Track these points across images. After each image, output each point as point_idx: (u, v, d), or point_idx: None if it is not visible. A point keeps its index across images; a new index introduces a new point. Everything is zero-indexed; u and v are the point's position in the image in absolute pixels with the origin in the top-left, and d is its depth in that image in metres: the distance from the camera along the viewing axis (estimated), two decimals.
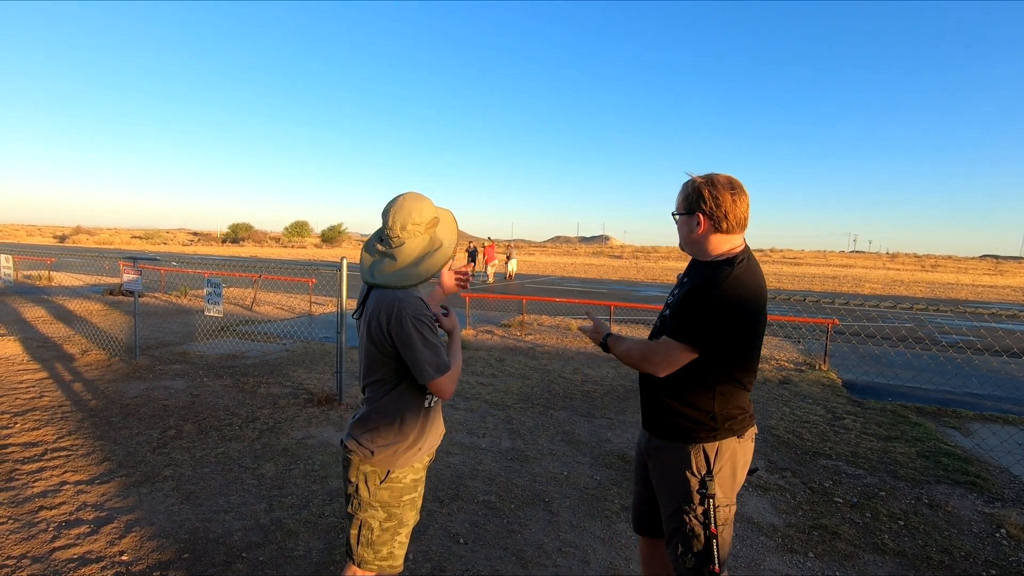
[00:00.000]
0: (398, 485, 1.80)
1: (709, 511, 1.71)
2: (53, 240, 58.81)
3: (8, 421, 4.28)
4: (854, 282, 29.19)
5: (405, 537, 1.87)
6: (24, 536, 2.73)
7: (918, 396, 6.13)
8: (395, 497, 1.80)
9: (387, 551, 1.82)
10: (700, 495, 1.72)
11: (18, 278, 14.26)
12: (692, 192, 1.77)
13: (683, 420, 1.76)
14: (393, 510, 1.81)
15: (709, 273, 1.72)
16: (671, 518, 1.79)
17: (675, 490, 1.78)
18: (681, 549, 1.76)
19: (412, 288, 1.73)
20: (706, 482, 1.72)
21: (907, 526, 3.14)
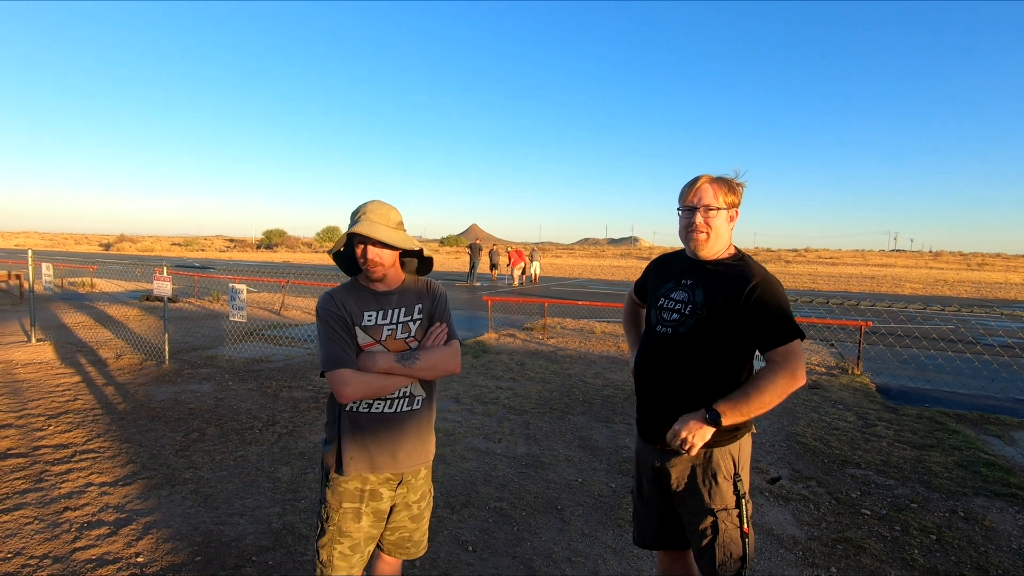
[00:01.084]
0: (339, 488, 1.78)
1: (743, 512, 1.72)
2: (99, 248, 61.40)
3: (43, 423, 4.46)
4: (893, 282, 28.13)
5: (349, 551, 1.78)
6: (48, 536, 2.82)
7: (958, 402, 5.83)
8: (335, 501, 1.78)
9: (325, 556, 1.79)
10: (736, 498, 1.73)
11: (63, 285, 14.92)
12: (734, 186, 1.78)
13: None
14: (332, 513, 1.78)
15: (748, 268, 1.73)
16: (707, 529, 1.73)
17: (711, 498, 1.73)
18: (720, 558, 1.72)
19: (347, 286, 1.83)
20: (737, 484, 1.73)
21: (940, 541, 2.97)
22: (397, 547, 1.93)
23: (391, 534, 1.90)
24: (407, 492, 1.87)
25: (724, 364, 1.73)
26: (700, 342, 1.71)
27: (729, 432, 1.73)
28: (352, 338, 1.74)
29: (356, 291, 1.80)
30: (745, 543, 1.72)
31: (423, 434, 1.88)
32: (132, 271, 19.89)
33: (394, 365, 1.74)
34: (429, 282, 1.96)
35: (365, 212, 1.76)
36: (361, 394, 1.71)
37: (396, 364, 1.74)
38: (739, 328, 1.69)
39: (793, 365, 1.60)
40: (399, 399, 1.80)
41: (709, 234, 1.75)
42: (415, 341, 1.83)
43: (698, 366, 1.72)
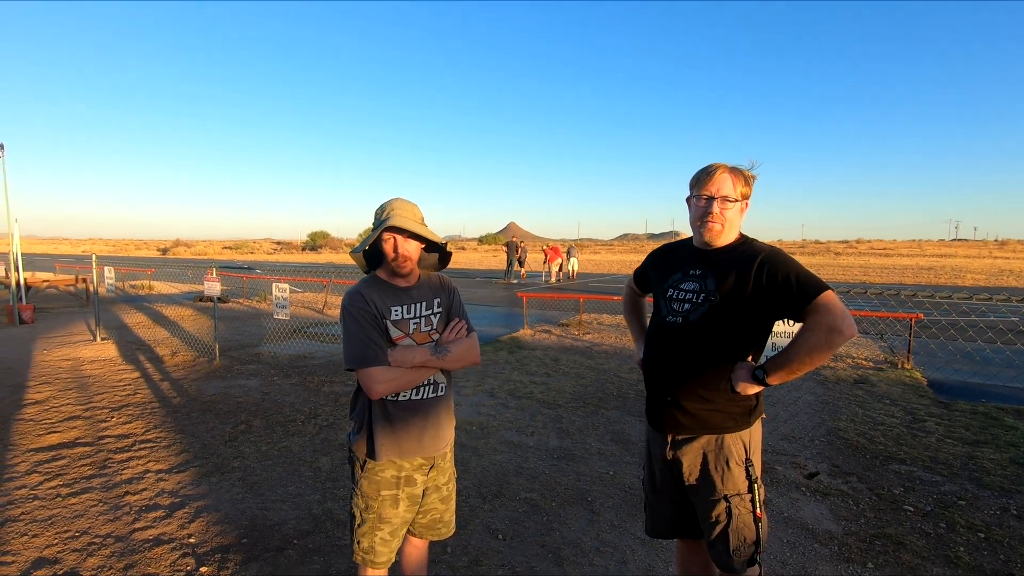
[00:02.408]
0: (375, 478, 1.85)
1: (756, 497, 1.74)
2: (157, 252, 64.73)
3: (107, 415, 4.78)
4: (953, 273, 26.65)
5: (389, 536, 1.87)
6: (111, 518, 3.05)
7: (1018, 398, 5.53)
8: (373, 489, 1.85)
9: (367, 544, 1.86)
10: (748, 483, 1.75)
11: (123, 288, 15.84)
12: (748, 178, 1.80)
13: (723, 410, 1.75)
14: (371, 502, 1.85)
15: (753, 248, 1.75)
16: (720, 515, 1.75)
17: (723, 484, 1.75)
18: (734, 544, 1.74)
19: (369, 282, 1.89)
20: (749, 469, 1.75)
21: (988, 539, 2.85)
22: (429, 529, 2.02)
23: (423, 517, 1.99)
24: (437, 475, 1.96)
25: (735, 350, 1.73)
26: (712, 329, 1.72)
27: (741, 418, 1.75)
28: (381, 333, 1.81)
29: (380, 287, 1.87)
30: (759, 527, 1.73)
31: (447, 418, 1.97)
32: (186, 273, 20.90)
33: (430, 358, 1.83)
34: (442, 277, 2.04)
35: (393, 208, 1.84)
36: (392, 389, 1.79)
37: (431, 357, 1.84)
38: (752, 308, 1.69)
39: (830, 317, 1.56)
40: (426, 387, 1.88)
41: (724, 225, 1.75)
42: (436, 333, 1.91)
43: (709, 353, 1.73)
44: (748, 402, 1.76)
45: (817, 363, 1.60)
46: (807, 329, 1.59)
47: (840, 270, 28.72)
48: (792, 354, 1.61)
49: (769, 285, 1.65)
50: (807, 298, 1.59)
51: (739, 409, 1.75)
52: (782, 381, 1.67)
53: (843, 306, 1.57)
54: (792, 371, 1.63)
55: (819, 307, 1.57)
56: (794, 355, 1.61)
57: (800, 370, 1.63)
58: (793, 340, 1.62)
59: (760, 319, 1.73)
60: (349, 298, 1.82)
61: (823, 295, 1.58)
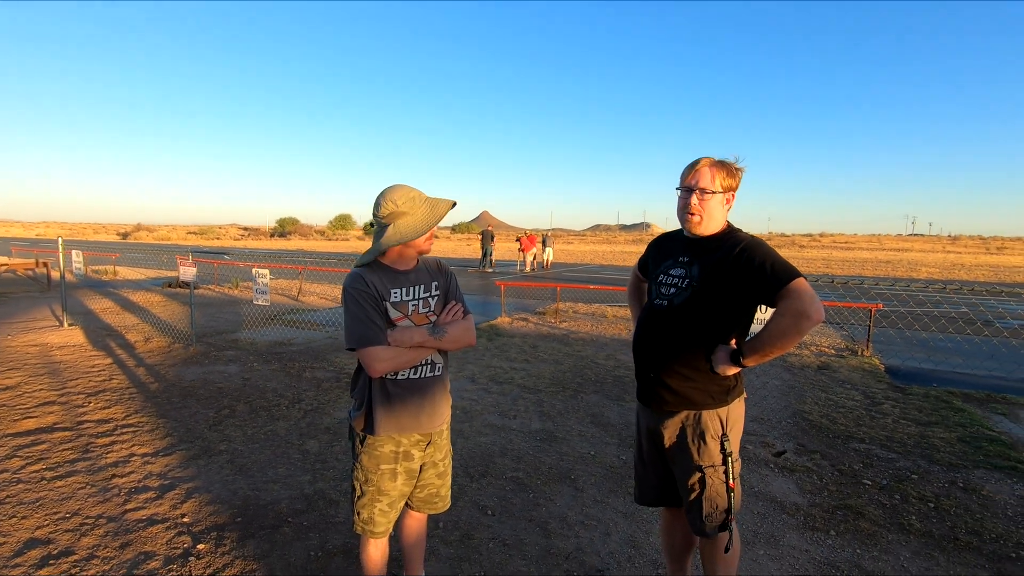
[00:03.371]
0: (375, 452, 1.94)
1: (729, 469, 1.88)
2: (117, 237, 62.45)
3: (83, 400, 4.72)
4: (909, 266, 27.84)
5: (388, 507, 1.97)
6: (100, 499, 3.06)
7: (966, 382, 5.91)
8: (373, 463, 1.94)
9: (367, 515, 1.97)
10: (722, 456, 1.89)
11: (87, 272, 15.32)
12: (731, 171, 1.91)
13: (708, 388, 1.88)
14: (371, 475, 1.95)
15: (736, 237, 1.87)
16: (695, 484, 1.91)
17: (699, 456, 1.89)
18: (706, 510, 1.90)
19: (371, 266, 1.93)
20: (724, 444, 1.89)
21: (937, 508, 3.11)
22: (426, 503, 2.12)
23: (420, 491, 2.09)
24: (434, 451, 2.06)
25: (716, 331, 1.87)
26: (694, 312, 1.86)
27: (719, 396, 1.90)
28: (381, 314, 1.88)
29: (380, 270, 1.93)
30: (731, 496, 1.89)
31: (444, 396, 2.06)
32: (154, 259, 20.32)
33: (428, 338, 1.91)
34: (439, 262, 2.12)
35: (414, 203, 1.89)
36: (391, 368, 1.87)
37: (429, 337, 1.91)
38: (732, 294, 1.82)
39: (799, 303, 1.67)
40: (424, 366, 1.97)
41: (703, 216, 1.89)
42: (434, 315, 2.00)
43: (691, 334, 1.88)
44: (727, 382, 1.90)
45: (789, 346, 1.73)
46: (778, 314, 1.72)
47: (805, 262, 29.65)
48: (765, 337, 1.75)
49: (747, 271, 1.78)
50: (780, 284, 1.71)
51: (717, 388, 1.89)
52: (757, 363, 1.81)
53: (813, 293, 1.69)
54: (766, 353, 1.77)
55: (790, 293, 1.69)
56: (767, 338, 1.74)
57: (773, 352, 1.76)
58: (766, 324, 1.76)
59: (740, 304, 1.87)
60: (351, 280, 1.87)
61: (794, 282, 1.70)
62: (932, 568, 2.57)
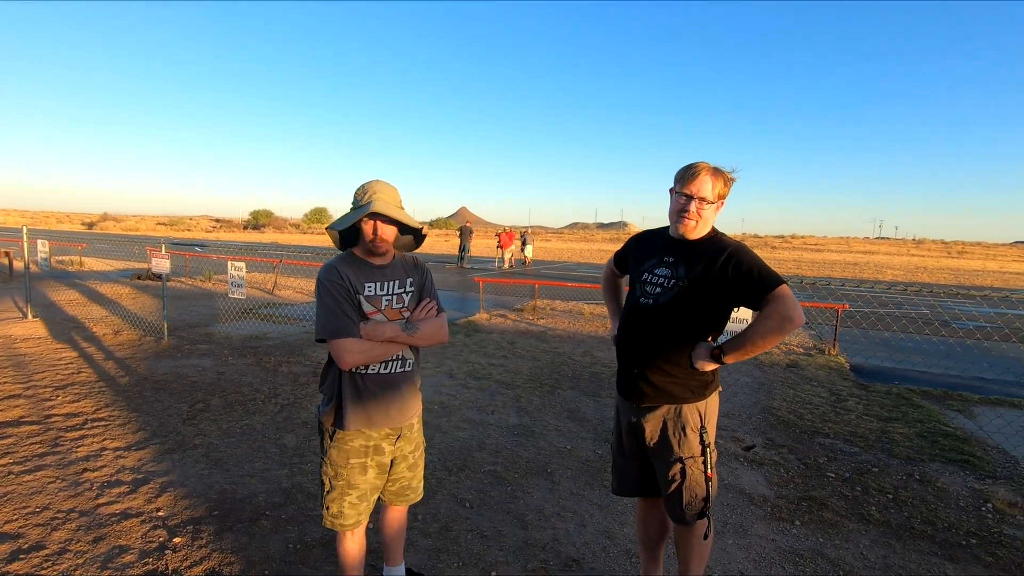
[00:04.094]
0: (345, 447, 1.94)
1: (707, 460, 1.96)
2: (82, 227, 60.44)
3: (51, 394, 4.61)
4: (875, 268, 28.74)
5: (357, 499, 1.97)
6: (71, 494, 3.01)
7: (926, 380, 6.17)
8: (342, 458, 1.94)
9: (336, 509, 1.97)
10: (701, 447, 1.97)
11: (51, 263, 14.84)
12: (728, 181, 1.97)
13: (683, 383, 1.96)
14: (340, 470, 1.95)
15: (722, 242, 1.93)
16: (676, 475, 1.98)
17: (680, 448, 1.97)
18: (687, 499, 1.98)
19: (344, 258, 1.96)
20: (703, 436, 1.97)
21: (895, 499, 3.27)
22: (398, 496, 2.15)
23: (392, 485, 2.11)
24: (404, 444, 2.08)
25: (697, 331, 1.95)
26: (678, 312, 1.93)
27: (698, 391, 1.98)
28: (355, 307, 1.89)
29: (355, 263, 1.94)
30: (708, 486, 1.98)
31: (413, 392, 2.08)
32: (122, 250, 19.78)
33: (400, 334, 1.92)
34: (416, 258, 2.14)
35: (376, 192, 1.91)
36: (362, 361, 1.87)
37: (401, 333, 1.93)
38: (717, 295, 1.90)
39: (784, 307, 1.75)
40: (394, 361, 1.98)
41: (698, 223, 1.95)
42: (408, 311, 2.01)
43: (674, 333, 1.95)
44: (705, 377, 1.98)
45: (769, 346, 1.82)
46: (764, 316, 1.79)
47: (776, 263, 30.34)
48: (748, 337, 1.82)
49: (734, 276, 1.85)
50: (766, 289, 1.80)
51: (696, 383, 1.97)
52: (736, 360, 1.89)
53: (795, 298, 1.79)
54: (747, 352, 1.85)
55: (775, 298, 1.78)
56: (750, 338, 1.82)
57: (754, 351, 1.84)
58: (751, 325, 1.84)
59: (722, 305, 1.95)
60: (325, 272, 1.88)
61: (780, 287, 1.79)
62: (889, 555, 2.71)
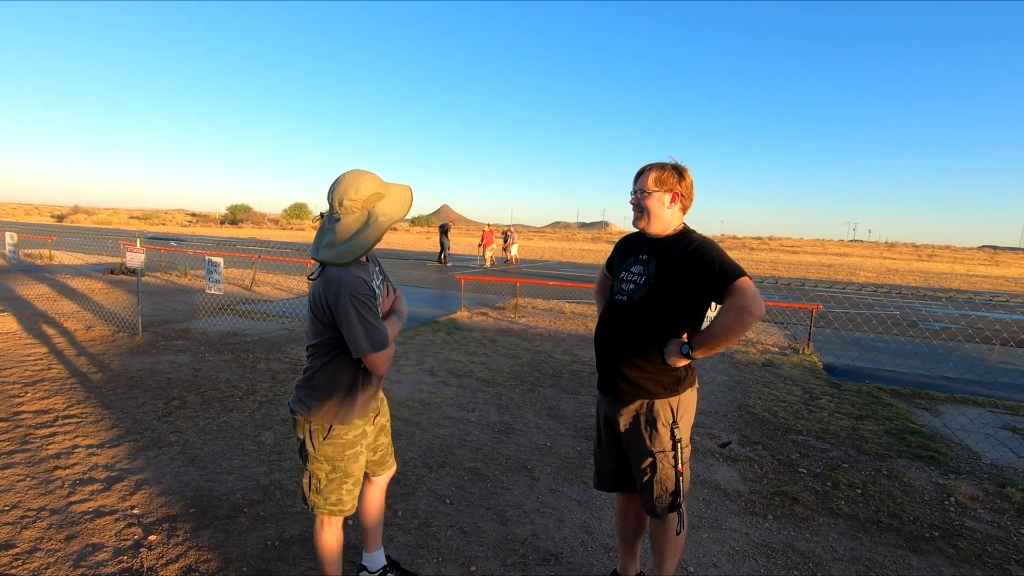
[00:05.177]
0: (340, 441, 1.95)
1: (678, 454, 2.00)
2: (51, 220, 58.71)
3: (19, 391, 4.49)
4: (849, 270, 29.41)
5: (353, 485, 2.02)
6: (42, 492, 2.95)
7: (895, 379, 6.36)
8: (338, 452, 1.96)
9: (335, 498, 2.00)
10: (672, 442, 2.01)
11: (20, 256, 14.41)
12: (672, 175, 2.02)
13: (659, 379, 2.00)
14: (337, 463, 1.97)
15: (690, 238, 1.97)
16: (647, 468, 2.04)
17: (651, 442, 2.02)
18: (657, 492, 2.03)
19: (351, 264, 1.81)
20: (674, 430, 2.01)
21: (864, 494, 3.37)
22: (380, 464, 2.21)
23: (374, 455, 2.17)
24: (380, 418, 2.17)
25: (670, 326, 1.99)
26: (651, 307, 1.98)
27: (671, 387, 2.02)
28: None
29: (358, 265, 1.87)
30: (679, 480, 2.02)
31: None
32: (94, 244, 19.27)
33: (397, 327, 2.01)
34: None
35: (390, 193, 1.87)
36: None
37: (399, 326, 2.02)
38: (686, 290, 1.93)
39: (743, 299, 1.77)
40: None
41: (646, 215, 2.02)
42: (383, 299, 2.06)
43: (647, 328, 1.99)
44: (678, 373, 2.02)
45: (733, 339, 1.85)
46: (724, 309, 1.83)
47: (754, 264, 30.87)
48: (712, 331, 1.87)
49: (697, 269, 1.90)
50: (727, 281, 1.83)
51: (669, 379, 2.01)
52: (705, 355, 1.93)
53: (755, 290, 1.81)
54: (712, 346, 1.89)
55: (735, 290, 1.81)
56: (714, 331, 1.86)
57: (719, 345, 1.88)
58: (713, 319, 1.88)
59: (692, 301, 1.98)
60: (355, 285, 1.76)
61: (739, 280, 1.82)
62: (857, 548, 2.80)
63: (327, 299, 1.77)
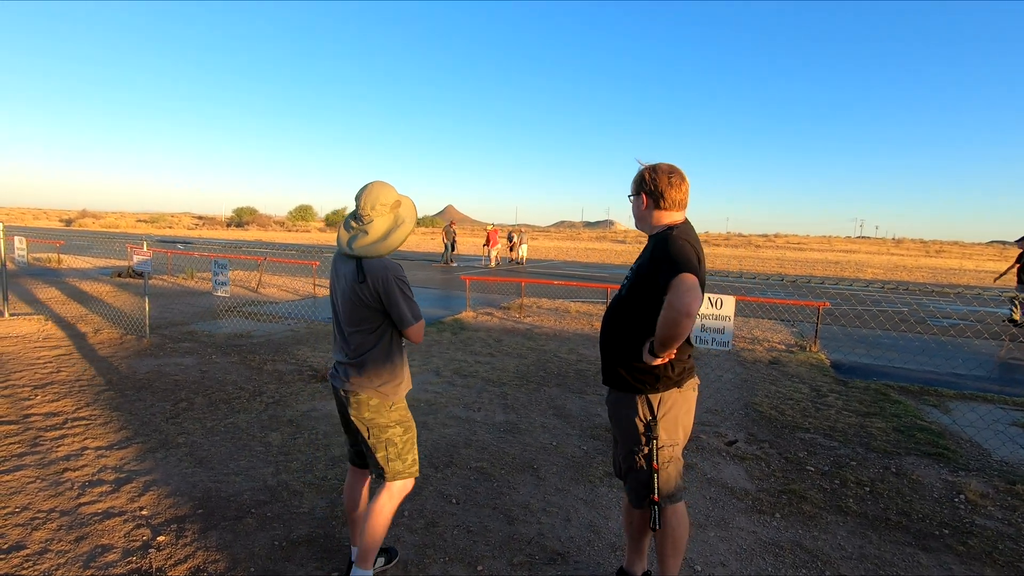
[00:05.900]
0: (401, 404, 2.27)
1: (653, 451, 2.01)
2: (60, 224, 59.21)
3: (29, 393, 4.53)
4: (856, 267, 29.21)
5: (415, 444, 2.32)
6: (52, 493, 2.97)
7: (903, 376, 6.31)
8: (403, 414, 2.27)
9: (411, 458, 2.27)
10: (646, 438, 2.03)
11: (29, 260, 14.54)
12: (638, 177, 2.10)
13: (633, 374, 2.03)
14: (407, 424, 2.27)
15: (661, 237, 1.97)
16: (625, 459, 2.11)
17: (627, 435, 2.08)
18: (631, 485, 2.10)
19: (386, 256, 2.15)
20: (651, 426, 2.02)
21: (872, 492, 3.35)
22: None
23: None
24: None
25: (645, 321, 1.96)
26: (628, 302, 2.03)
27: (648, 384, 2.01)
28: None
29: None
30: (653, 478, 2.01)
31: None
32: (102, 247, 19.42)
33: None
34: None
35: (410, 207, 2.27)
36: None
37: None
38: (653, 285, 1.90)
39: (673, 296, 1.75)
40: None
41: (634, 216, 2.14)
42: None
43: (626, 323, 2.03)
44: (655, 370, 1.99)
45: (672, 336, 1.77)
46: (664, 304, 1.79)
47: (760, 262, 30.74)
48: (657, 328, 1.82)
49: (654, 264, 1.92)
50: (669, 277, 1.80)
51: (644, 375, 2.01)
52: (665, 354, 1.87)
53: (690, 287, 1.75)
54: (662, 344, 1.82)
55: (671, 286, 1.78)
56: (658, 328, 1.81)
57: (667, 343, 1.80)
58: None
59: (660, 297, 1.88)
60: (397, 269, 2.14)
61: (678, 275, 1.77)
62: (865, 546, 2.78)
63: (376, 285, 2.07)
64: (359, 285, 2.08)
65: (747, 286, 14.81)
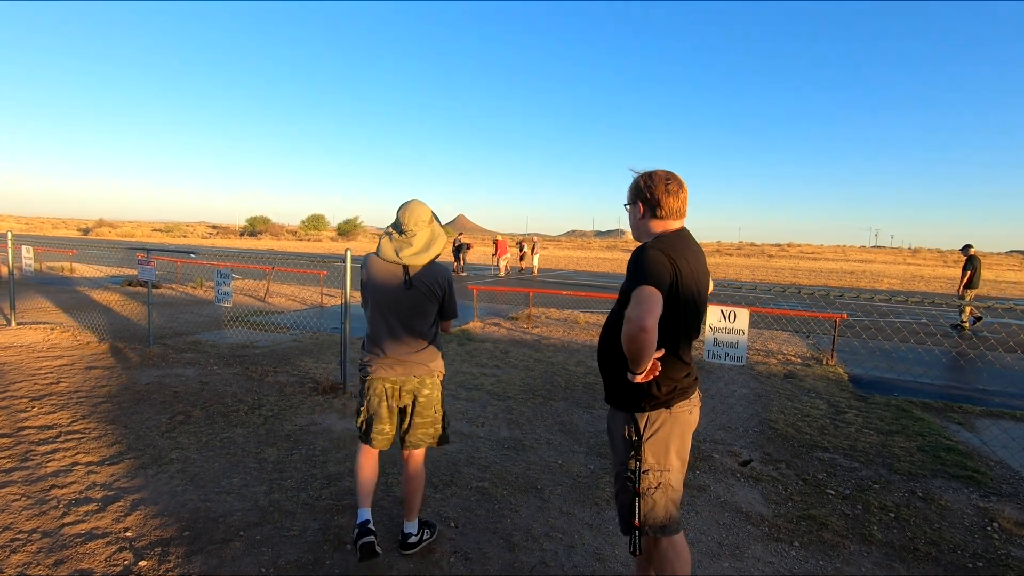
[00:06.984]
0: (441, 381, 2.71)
1: (636, 475, 1.89)
2: (77, 233, 60.17)
3: (26, 405, 4.46)
4: (872, 277, 28.70)
5: None
6: (36, 512, 2.87)
7: (925, 391, 6.06)
8: (441, 389, 2.71)
9: (448, 420, 2.76)
10: (633, 460, 1.91)
11: (41, 269, 14.68)
12: (633, 185, 2.00)
13: (621, 390, 1.92)
14: (443, 396, 2.73)
15: (639, 249, 1.86)
16: (615, 479, 2.00)
17: (617, 454, 1.99)
18: (618, 508, 1.99)
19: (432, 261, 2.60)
20: (636, 448, 1.90)
21: (897, 518, 3.14)
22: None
23: None
24: None
25: None
26: (617, 315, 1.91)
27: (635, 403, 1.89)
28: None
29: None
30: (636, 504, 1.88)
31: None
32: (115, 256, 19.59)
33: None
34: None
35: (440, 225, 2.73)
36: None
37: None
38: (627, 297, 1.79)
39: (630, 308, 1.68)
40: None
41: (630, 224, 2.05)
42: None
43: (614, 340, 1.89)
44: (639, 388, 1.85)
45: (630, 348, 1.67)
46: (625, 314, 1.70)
47: (773, 272, 30.30)
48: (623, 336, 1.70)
49: (627, 276, 1.82)
50: (630, 289, 1.73)
51: (629, 393, 1.89)
52: (640, 371, 1.73)
53: (642, 300, 1.65)
54: (630, 359, 1.70)
55: (631, 298, 1.69)
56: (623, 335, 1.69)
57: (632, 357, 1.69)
58: None
59: None
60: (450, 271, 2.69)
61: (637, 287, 1.69)
62: None
63: (440, 282, 2.57)
64: (421, 286, 2.51)
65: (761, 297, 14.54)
